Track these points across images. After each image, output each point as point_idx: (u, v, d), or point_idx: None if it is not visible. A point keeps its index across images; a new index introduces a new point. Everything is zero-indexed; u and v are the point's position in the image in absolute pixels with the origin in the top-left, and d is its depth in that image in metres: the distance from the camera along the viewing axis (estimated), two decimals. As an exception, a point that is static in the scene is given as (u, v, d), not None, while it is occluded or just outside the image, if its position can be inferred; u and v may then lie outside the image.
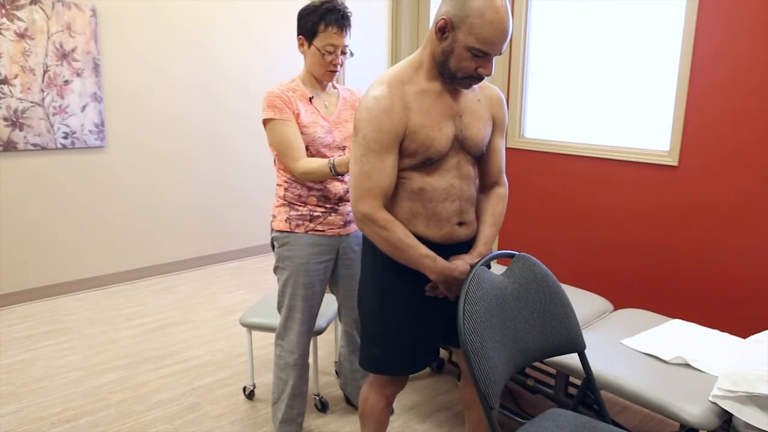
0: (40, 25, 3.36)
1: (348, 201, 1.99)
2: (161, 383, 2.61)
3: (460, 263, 1.49)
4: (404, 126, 1.43)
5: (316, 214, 1.94)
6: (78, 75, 3.55)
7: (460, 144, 1.52)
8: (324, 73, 1.89)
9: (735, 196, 2.30)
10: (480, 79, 1.43)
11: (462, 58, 1.38)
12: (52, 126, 3.49)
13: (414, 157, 1.46)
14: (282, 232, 1.95)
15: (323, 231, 1.96)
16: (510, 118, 3.10)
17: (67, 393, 2.52)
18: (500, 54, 1.40)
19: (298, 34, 1.88)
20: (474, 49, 1.36)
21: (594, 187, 2.76)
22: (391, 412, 2.37)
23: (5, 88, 3.29)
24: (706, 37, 2.30)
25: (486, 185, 1.67)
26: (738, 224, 2.30)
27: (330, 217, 1.96)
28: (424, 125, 1.44)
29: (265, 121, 1.87)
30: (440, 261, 1.47)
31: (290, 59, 4.62)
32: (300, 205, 1.94)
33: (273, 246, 2.01)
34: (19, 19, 3.29)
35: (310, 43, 1.85)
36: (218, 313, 3.44)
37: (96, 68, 3.62)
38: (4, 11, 3.23)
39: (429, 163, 1.48)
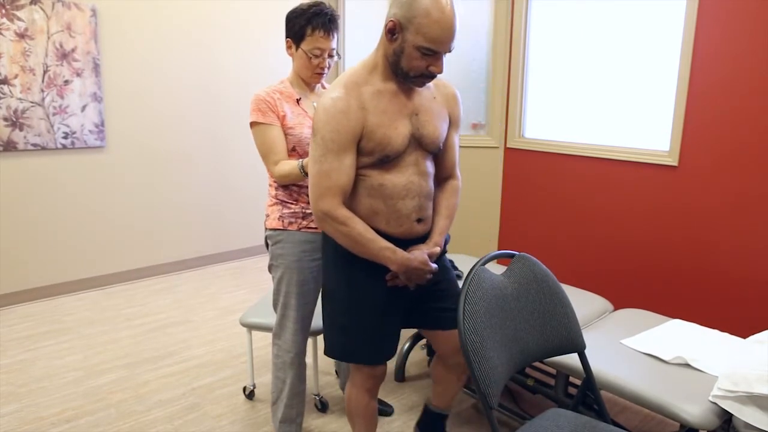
0: (40, 25, 3.36)
1: None
2: (161, 383, 2.61)
3: (418, 253, 1.54)
4: (361, 126, 1.47)
5: (308, 211, 1.96)
6: (78, 75, 3.55)
7: (417, 141, 1.56)
8: (311, 75, 1.92)
9: (735, 196, 2.30)
10: (432, 77, 1.49)
11: (412, 58, 1.43)
12: (52, 126, 3.49)
13: (371, 156, 1.50)
14: (275, 230, 1.97)
15: (316, 228, 1.97)
16: (510, 118, 3.10)
17: (67, 393, 2.52)
18: (449, 51, 1.45)
19: (286, 37, 1.90)
20: (423, 48, 1.41)
21: (594, 187, 2.77)
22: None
23: (5, 88, 3.29)
24: (706, 37, 2.30)
25: (441, 179, 1.72)
26: (738, 224, 2.30)
27: None
28: (381, 124, 1.48)
29: (251, 124, 1.90)
30: (400, 252, 1.51)
31: (290, 59, 4.62)
32: (292, 203, 1.95)
33: (267, 245, 2.03)
34: (19, 19, 3.29)
35: (297, 46, 1.88)
36: (218, 313, 3.45)
37: (96, 68, 3.62)
38: (4, 11, 3.23)
39: (386, 161, 1.52)
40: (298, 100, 1.93)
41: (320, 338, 3.06)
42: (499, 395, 1.35)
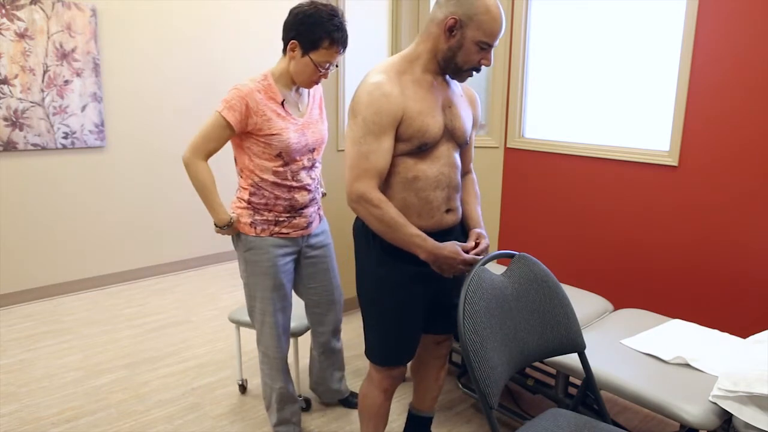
0: (40, 25, 3.36)
1: (309, 206, 1.99)
2: (161, 383, 2.61)
3: (449, 243, 1.54)
4: (402, 111, 1.50)
5: (281, 219, 1.92)
6: (78, 75, 3.55)
7: (450, 133, 1.61)
8: (309, 82, 1.84)
9: (735, 195, 2.30)
10: (478, 70, 1.56)
11: (470, 52, 1.50)
12: (52, 126, 3.49)
13: (410, 142, 1.53)
14: (247, 236, 1.91)
15: (288, 233, 1.94)
16: (510, 118, 3.10)
17: (67, 393, 2.52)
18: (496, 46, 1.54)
19: (293, 38, 1.77)
20: (482, 43, 1.49)
21: (594, 187, 2.76)
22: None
23: (5, 88, 3.29)
24: (706, 37, 2.30)
25: (462, 173, 1.80)
26: (738, 224, 2.30)
27: (294, 221, 1.95)
28: (420, 112, 1.52)
29: (218, 111, 1.78)
30: (430, 240, 1.53)
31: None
32: (266, 212, 1.90)
33: (234, 242, 1.98)
34: (19, 19, 3.29)
35: (305, 53, 1.77)
36: (218, 313, 3.44)
37: (96, 68, 3.61)
38: (4, 11, 3.23)
39: (424, 149, 1.55)
40: (282, 102, 1.84)
41: (301, 339, 3.07)
42: (499, 395, 1.35)
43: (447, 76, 1.61)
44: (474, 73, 1.57)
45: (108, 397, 2.49)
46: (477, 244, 1.60)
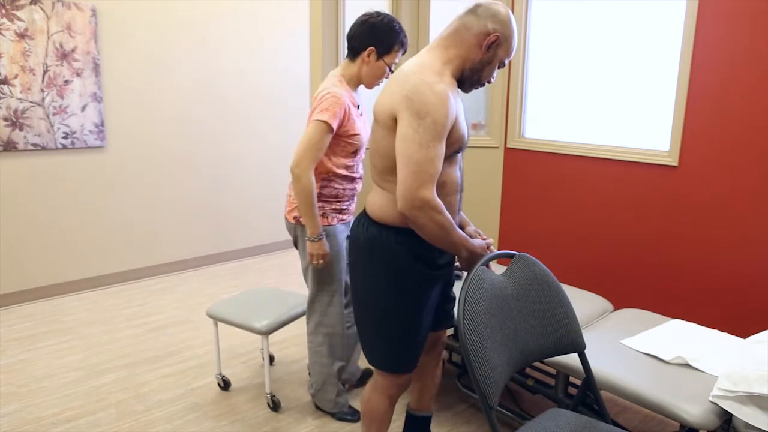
0: (40, 25, 3.36)
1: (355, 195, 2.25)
2: (161, 383, 2.61)
3: (478, 241, 1.59)
4: (455, 114, 1.49)
5: (343, 206, 2.19)
6: (78, 75, 3.55)
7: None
8: (375, 83, 2.10)
9: (735, 195, 2.30)
10: (483, 85, 1.62)
11: (493, 69, 1.57)
12: (52, 126, 3.49)
13: (452, 147, 1.52)
14: (322, 227, 2.13)
15: (345, 218, 2.22)
16: (510, 118, 3.10)
17: (67, 393, 2.52)
18: None
19: (371, 45, 2.01)
20: (502, 63, 1.56)
21: (594, 187, 2.77)
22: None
23: (5, 88, 3.29)
24: (706, 37, 2.30)
25: None
26: (738, 224, 2.30)
27: (350, 207, 2.24)
28: (460, 116, 1.54)
29: (320, 120, 1.94)
30: (470, 240, 1.56)
31: (292, 58, 4.63)
32: (335, 202, 2.15)
33: (296, 237, 2.20)
34: (19, 19, 3.29)
35: (379, 56, 2.03)
36: (218, 313, 3.45)
37: (96, 68, 3.62)
38: (4, 11, 3.23)
39: (458, 152, 1.58)
40: (357, 106, 2.09)
41: (272, 337, 3.08)
42: (499, 395, 1.35)
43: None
44: (481, 87, 1.63)
45: (108, 397, 2.50)
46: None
